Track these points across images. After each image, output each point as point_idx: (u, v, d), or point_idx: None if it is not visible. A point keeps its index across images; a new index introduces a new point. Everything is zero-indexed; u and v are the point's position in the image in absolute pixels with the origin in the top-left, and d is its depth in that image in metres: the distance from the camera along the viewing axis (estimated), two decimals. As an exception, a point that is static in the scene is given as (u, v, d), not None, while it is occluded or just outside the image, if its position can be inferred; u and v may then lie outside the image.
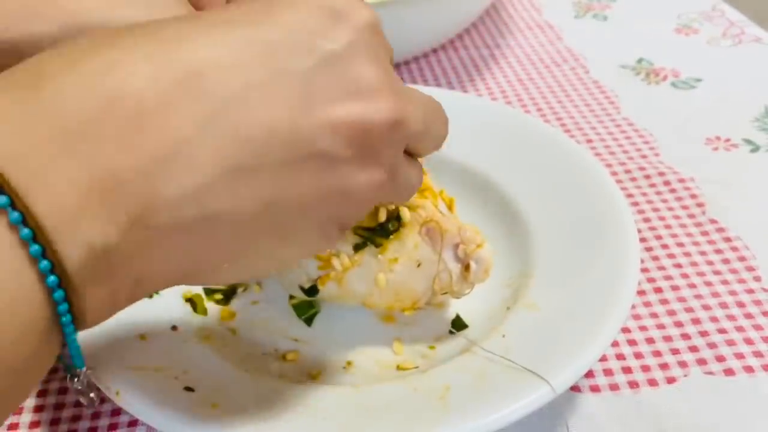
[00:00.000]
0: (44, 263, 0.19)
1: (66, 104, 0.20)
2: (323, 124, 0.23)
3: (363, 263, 0.34)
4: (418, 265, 0.34)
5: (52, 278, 0.19)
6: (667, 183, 0.49)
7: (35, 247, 0.19)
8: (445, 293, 0.36)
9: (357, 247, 0.34)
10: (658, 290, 0.41)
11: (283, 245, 0.25)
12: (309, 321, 0.39)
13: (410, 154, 0.28)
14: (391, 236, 0.34)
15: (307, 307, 0.39)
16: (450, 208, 0.37)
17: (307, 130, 0.23)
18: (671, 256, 0.43)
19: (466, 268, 0.34)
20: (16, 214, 0.19)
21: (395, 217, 0.34)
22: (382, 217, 0.34)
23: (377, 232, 0.34)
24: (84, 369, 0.24)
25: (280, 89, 0.22)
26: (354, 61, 0.24)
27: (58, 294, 0.20)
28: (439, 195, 0.36)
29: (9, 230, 0.19)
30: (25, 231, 0.19)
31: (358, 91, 0.24)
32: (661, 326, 0.39)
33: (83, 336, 0.34)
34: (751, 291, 0.41)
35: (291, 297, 0.39)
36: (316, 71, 0.23)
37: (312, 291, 0.35)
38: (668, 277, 0.42)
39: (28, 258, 0.19)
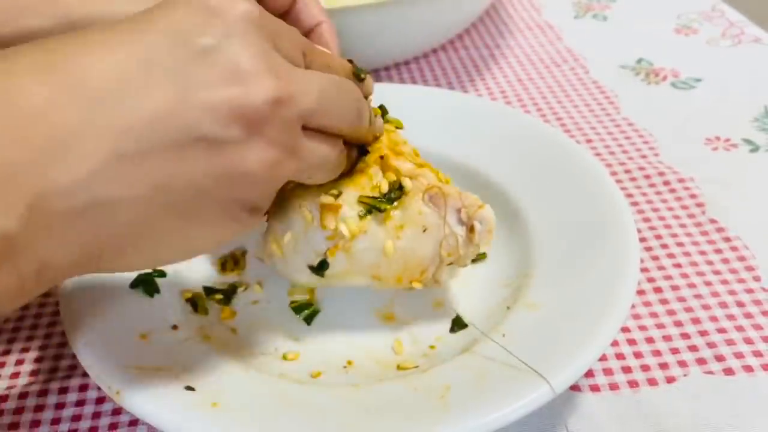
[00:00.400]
0: None
1: None
2: (202, 109, 0.25)
3: (370, 232, 0.34)
4: (424, 231, 0.34)
5: None
6: (666, 183, 0.49)
7: None
8: (451, 263, 0.36)
9: (362, 214, 0.34)
10: (658, 290, 0.41)
11: (188, 227, 0.27)
12: (309, 320, 0.39)
13: (320, 132, 0.29)
14: (395, 203, 0.34)
15: (306, 306, 0.39)
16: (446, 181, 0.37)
17: (186, 116, 0.25)
18: (671, 255, 0.43)
19: (471, 229, 0.35)
20: None
21: (398, 187, 0.34)
22: (384, 187, 0.34)
23: (381, 201, 0.34)
24: None
25: (156, 82, 0.24)
26: (229, 50, 0.25)
27: None
28: (437, 175, 0.37)
29: None
30: None
31: (234, 76, 0.25)
32: (660, 326, 0.39)
33: (84, 338, 0.34)
34: (750, 291, 0.41)
35: (290, 299, 0.40)
36: (191, 63, 0.25)
37: (322, 266, 0.35)
38: (668, 277, 0.42)
39: None
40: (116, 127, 0.24)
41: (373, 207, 0.34)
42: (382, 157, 0.35)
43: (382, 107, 0.38)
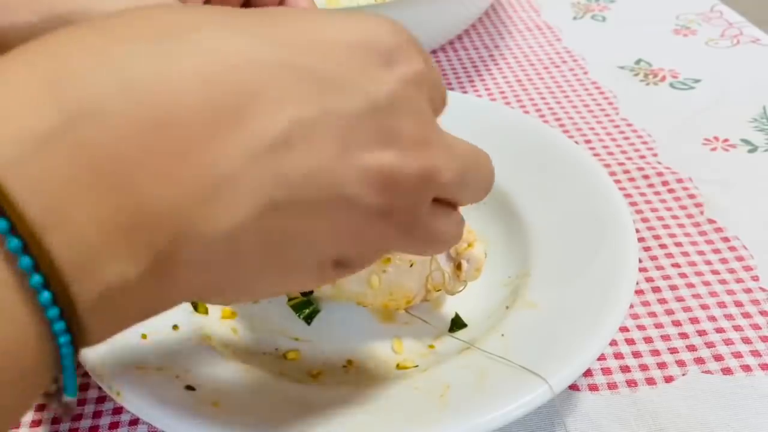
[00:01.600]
0: (45, 295, 0.18)
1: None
2: (356, 171, 0.22)
3: None
4: (411, 266, 0.35)
5: (53, 311, 0.18)
6: (665, 183, 0.49)
7: (46, 294, 0.18)
8: (439, 290, 0.36)
9: None
10: (657, 290, 0.41)
11: (283, 278, 0.24)
12: (308, 320, 0.39)
13: (448, 204, 0.27)
14: None
15: (305, 305, 0.39)
16: None
17: (340, 175, 0.22)
18: (669, 255, 0.43)
19: (458, 267, 0.35)
20: (26, 259, 0.17)
21: None
22: None
23: None
24: (74, 398, 0.22)
25: (326, 130, 0.21)
26: (394, 113, 0.23)
27: (59, 326, 0.18)
28: None
29: (7, 262, 0.17)
30: (36, 277, 0.17)
31: (392, 141, 0.23)
32: (659, 325, 0.39)
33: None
34: (749, 290, 0.41)
35: (289, 299, 0.40)
36: (359, 116, 0.22)
37: (307, 290, 0.36)
38: (666, 277, 0.42)
39: (28, 289, 0.17)
40: (277, 175, 0.20)
41: None
42: None
43: None
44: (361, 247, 0.24)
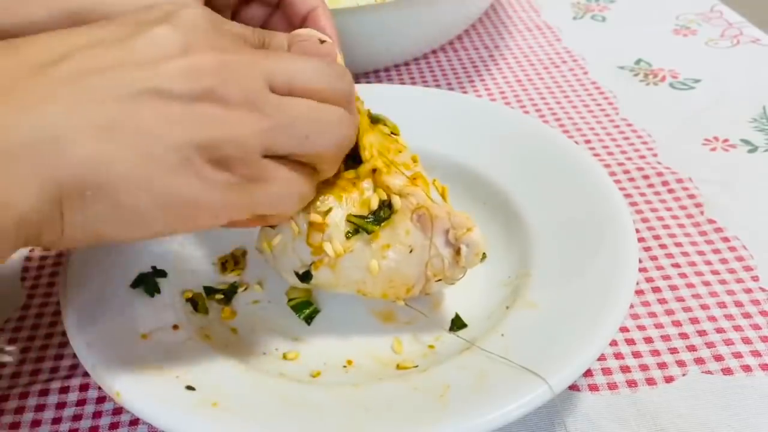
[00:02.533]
0: None
1: None
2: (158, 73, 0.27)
3: (356, 250, 0.34)
4: (411, 251, 0.34)
5: None
6: (665, 183, 0.49)
7: None
8: (439, 280, 0.36)
9: (349, 235, 0.34)
10: (657, 290, 0.41)
11: (151, 179, 0.27)
12: (308, 320, 0.39)
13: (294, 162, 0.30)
14: (383, 223, 0.34)
15: (305, 305, 0.39)
16: (443, 196, 0.37)
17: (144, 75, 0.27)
18: (669, 255, 0.43)
19: (458, 252, 0.35)
20: None
21: (387, 205, 0.34)
22: (374, 204, 0.34)
23: (369, 220, 0.34)
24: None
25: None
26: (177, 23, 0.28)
27: None
28: (432, 183, 0.36)
29: None
30: None
31: (186, 50, 0.28)
32: (659, 325, 0.39)
33: (85, 338, 0.34)
34: (749, 290, 0.41)
35: (289, 300, 0.40)
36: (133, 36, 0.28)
37: (306, 276, 0.35)
38: (666, 277, 0.42)
39: None
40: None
41: (360, 227, 0.34)
42: (374, 170, 0.35)
43: (375, 115, 0.38)
44: (216, 134, 0.28)
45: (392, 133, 0.38)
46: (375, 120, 0.38)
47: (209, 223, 0.29)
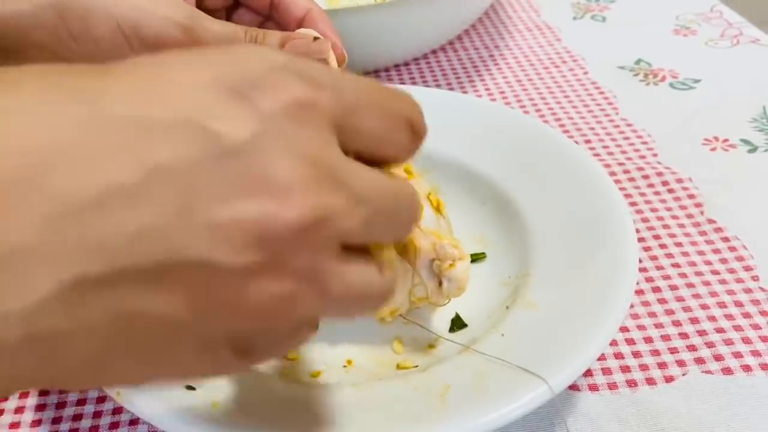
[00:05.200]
0: None
1: None
2: (203, 228, 0.18)
3: None
4: None
5: None
6: (665, 183, 0.49)
7: None
8: (424, 303, 0.36)
9: None
10: (657, 290, 0.41)
11: (148, 367, 0.20)
12: (309, 320, 0.39)
13: (363, 251, 0.23)
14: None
15: None
16: (438, 210, 0.37)
17: (180, 235, 0.18)
18: (669, 255, 0.43)
19: (440, 284, 0.34)
20: None
21: None
22: None
23: None
24: None
25: (153, 189, 0.18)
26: (259, 155, 0.19)
27: None
28: (427, 197, 0.36)
29: None
30: None
31: (259, 188, 0.19)
32: (659, 325, 0.39)
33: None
34: (749, 290, 0.41)
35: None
36: (204, 166, 0.18)
37: None
38: (666, 277, 0.42)
39: None
40: (87, 244, 0.17)
41: None
42: None
43: None
44: (255, 319, 0.20)
45: None
46: None
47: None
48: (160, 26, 0.32)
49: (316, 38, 0.34)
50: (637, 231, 0.44)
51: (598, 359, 0.37)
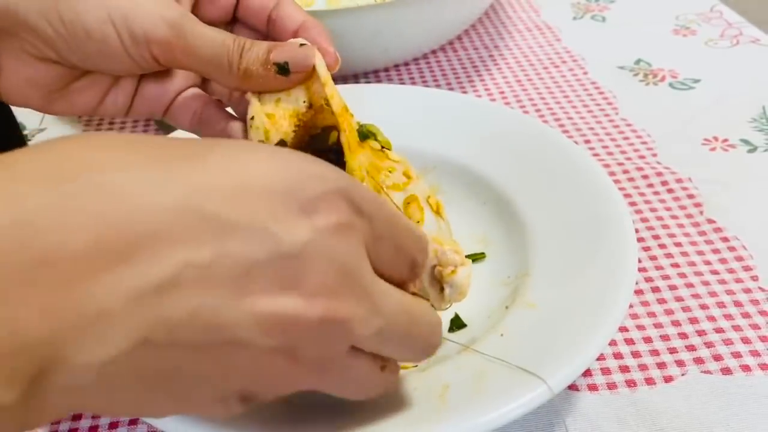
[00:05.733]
0: None
1: None
2: (248, 314, 0.22)
3: None
4: None
5: None
6: (664, 183, 0.49)
7: None
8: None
9: None
10: (656, 290, 0.41)
11: (178, 407, 0.25)
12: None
13: (373, 356, 0.27)
14: None
15: None
16: (438, 213, 0.37)
17: (229, 317, 0.22)
18: (669, 255, 0.44)
19: (441, 290, 0.34)
20: None
21: None
22: None
23: None
24: None
25: (218, 274, 0.21)
26: (305, 260, 0.23)
27: None
28: (427, 200, 0.36)
29: None
30: None
31: (294, 286, 0.23)
32: (658, 325, 0.39)
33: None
34: (748, 290, 0.41)
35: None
36: (260, 263, 0.22)
37: None
38: (666, 277, 0.42)
39: None
40: (155, 316, 0.21)
41: None
42: None
43: (365, 128, 0.37)
44: (265, 384, 0.24)
45: (383, 147, 0.37)
46: (364, 136, 0.36)
47: None
48: (149, 22, 0.33)
49: (302, 44, 0.34)
50: (637, 231, 0.44)
51: (597, 359, 0.37)
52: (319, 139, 0.35)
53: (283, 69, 0.33)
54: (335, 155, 0.34)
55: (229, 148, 0.24)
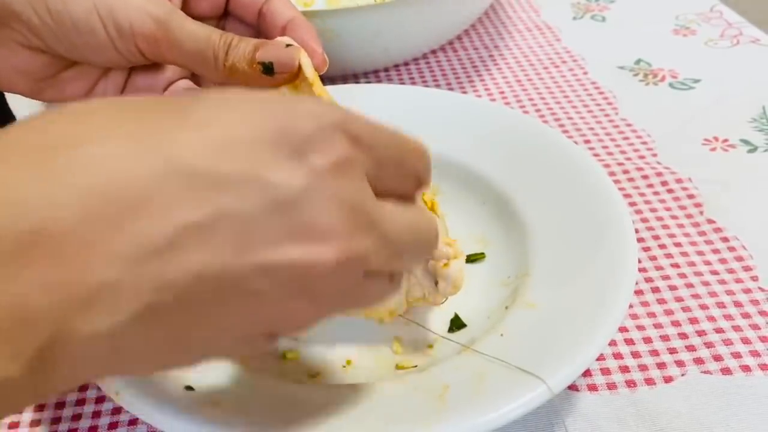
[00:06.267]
0: None
1: None
2: (257, 267, 0.22)
3: None
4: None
5: None
6: (664, 183, 0.49)
7: None
8: (421, 303, 0.36)
9: None
10: (656, 290, 0.41)
11: (198, 358, 0.24)
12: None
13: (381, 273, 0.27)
14: None
15: None
16: (433, 210, 0.36)
17: (236, 274, 0.21)
18: (669, 255, 0.44)
19: (436, 283, 0.34)
20: None
21: None
22: None
23: None
24: None
25: (218, 233, 0.21)
26: (306, 205, 0.22)
27: None
28: (422, 197, 0.36)
29: None
30: None
31: (304, 234, 0.22)
32: (658, 325, 0.39)
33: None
34: (748, 290, 0.41)
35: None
36: (260, 215, 0.22)
37: None
38: (666, 277, 0.42)
39: None
40: (158, 281, 0.21)
41: None
42: None
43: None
44: (287, 323, 0.24)
45: None
46: None
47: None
48: (134, 16, 0.33)
49: (288, 45, 0.34)
50: (637, 231, 0.44)
51: (597, 359, 0.37)
52: None
53: (268, 69, 0.34)
54: None
55: (213, 100, 0.23)
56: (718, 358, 0.37)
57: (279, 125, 0.23)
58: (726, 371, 0.37)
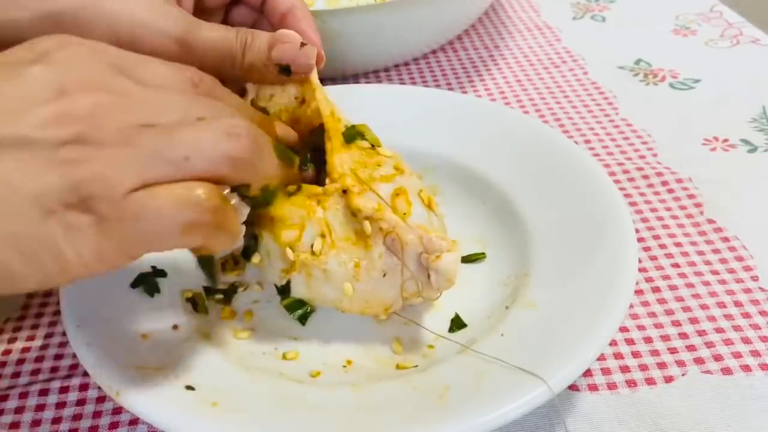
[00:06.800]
0: None
1: None
2: (37, 120, 0.25)
3: (329, 272, 0.34)
4: (384, 275, 0.34)
5: None
6: (665, 183, 0.49)
7: None
8: (416, 298, 0.36)
9: (291, 193, 0.34)
10: (656, 290, 0.41)
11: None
12: (302, 320, 0.38)
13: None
14: (324, 186, 0.34)
15: (298, 305, 0.38)
16: (429, 207, 0.36)
17: (18, 125, 0.25)
18: (669, 255, 0.44)
19: (429, 277, 0.34)
20: None
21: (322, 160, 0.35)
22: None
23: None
24: None
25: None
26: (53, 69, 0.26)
27: None
28: (418, 194, 0.36)
29: None
30: None
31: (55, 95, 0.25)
32: (658, 325, 0.39)
33: (85, 338, 0.34)
34: (748, 290, 0.41)
35: (282, 298, 0.39)
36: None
37: (285, 289, 0.36)
38: (666, 277, 0.42)
39: None
40: None
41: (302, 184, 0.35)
42: (345, 191, 0.34)
43: (355, 129, 0.37)
44: (80, 169, 0.25)
45: (373, 145, 0.37)
46: (351, 138, 0.36)
47: (85, 273, 0.26)
48: (156, 42, 0.34)
49: (303, 44, 0.35)
50: (637, 231, 0.44)
51: (598, 359, 0.37)
52: (318, 133, 0.36)
53: (285, 69, 0.36)
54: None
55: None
56: (718, 357, 0.37)
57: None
58: (726, 371, 0.37)
